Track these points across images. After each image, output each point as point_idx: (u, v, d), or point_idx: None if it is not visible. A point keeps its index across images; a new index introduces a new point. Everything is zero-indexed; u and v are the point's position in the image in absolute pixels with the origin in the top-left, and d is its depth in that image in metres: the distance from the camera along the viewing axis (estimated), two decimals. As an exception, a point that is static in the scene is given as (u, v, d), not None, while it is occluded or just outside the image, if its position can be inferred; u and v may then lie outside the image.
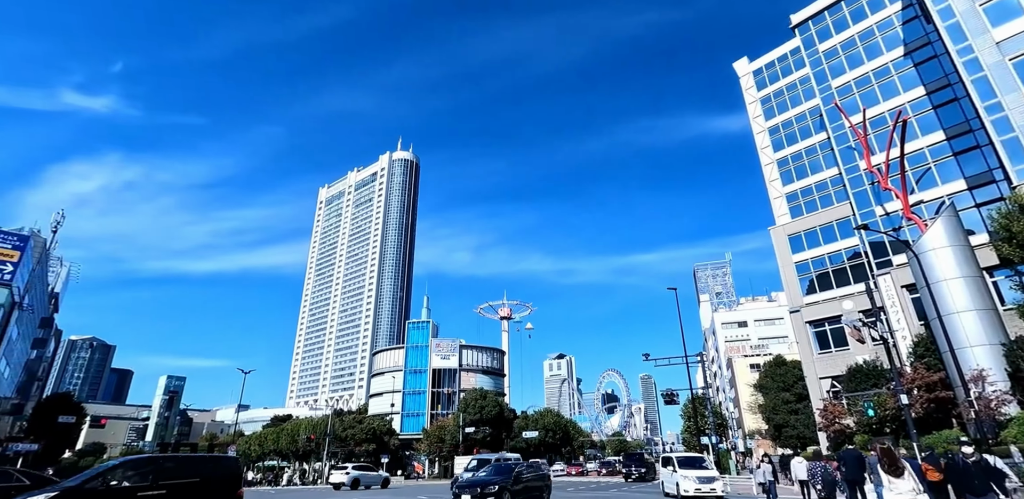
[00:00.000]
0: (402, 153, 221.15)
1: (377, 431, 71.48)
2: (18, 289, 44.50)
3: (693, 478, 20.60)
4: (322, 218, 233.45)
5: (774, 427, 48.31)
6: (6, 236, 43.81)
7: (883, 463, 8.73)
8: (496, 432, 68.34)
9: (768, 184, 49.49)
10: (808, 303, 42.38)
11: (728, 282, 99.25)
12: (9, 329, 45.13)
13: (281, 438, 77.05)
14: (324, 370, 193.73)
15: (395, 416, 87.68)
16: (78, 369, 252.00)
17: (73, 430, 53.31)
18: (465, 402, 69.96)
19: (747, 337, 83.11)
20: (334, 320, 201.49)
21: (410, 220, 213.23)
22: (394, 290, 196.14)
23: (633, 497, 23.91)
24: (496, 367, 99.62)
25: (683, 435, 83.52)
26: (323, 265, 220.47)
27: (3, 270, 42.17)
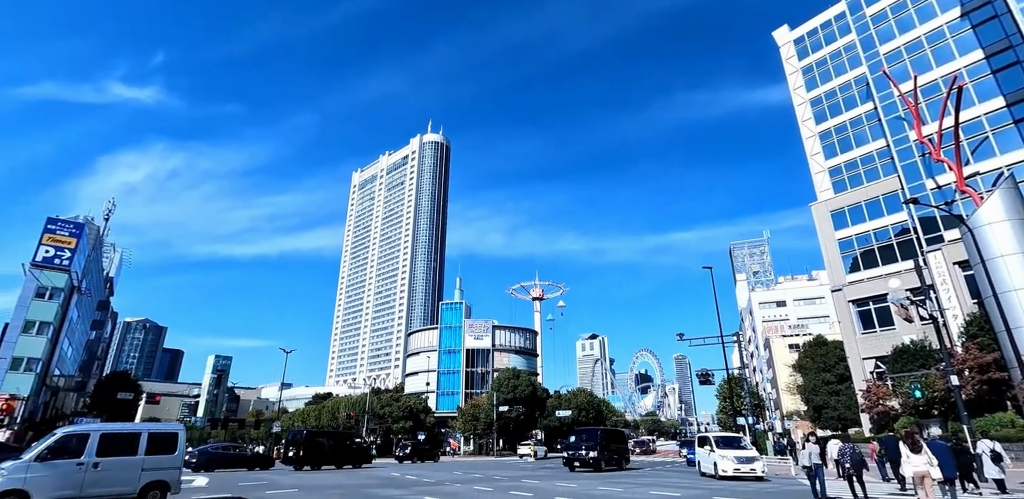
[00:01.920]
0: (433, 136, 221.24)
1: (414, 409, 73.39)
2: (76, 274, 46.95)
3: (732, 458, 20.35)
4: (356, 202, 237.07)
5: (813, 408, 47.33)
6: (63, 224, 46.08)
7: (905, 442, 10.76)
8: (529, 411, 69.28)
9: (810, 158, 47.47)
10: (851, 281, 40.87)
11: (766, 261, 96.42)
12: (70, 312, 47.85)
13: (322, 415, 80.00)
14: (361, 350, 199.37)
15: (430, 395, 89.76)
16: (133, 349, 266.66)
17: (131, 406, 56.48)
18: (498, 381, 70.95)
19: (786, 317, 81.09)
20: (370, 301, 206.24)
21: (442, 202, 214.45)
22: (427, 271, 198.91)
23: (669, 476, 23.90)
24: (529, 347, 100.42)
25: (718, 416, 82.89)
26: (358, 248, 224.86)
27: (61, 256, 44.46)
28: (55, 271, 43.72)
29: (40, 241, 43.67)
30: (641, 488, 17.25)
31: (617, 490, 16.55)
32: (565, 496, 14.64)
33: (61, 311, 44.47)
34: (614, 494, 15.26)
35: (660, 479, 21.57)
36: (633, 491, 16.18)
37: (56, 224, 45.24)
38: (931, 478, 10.41)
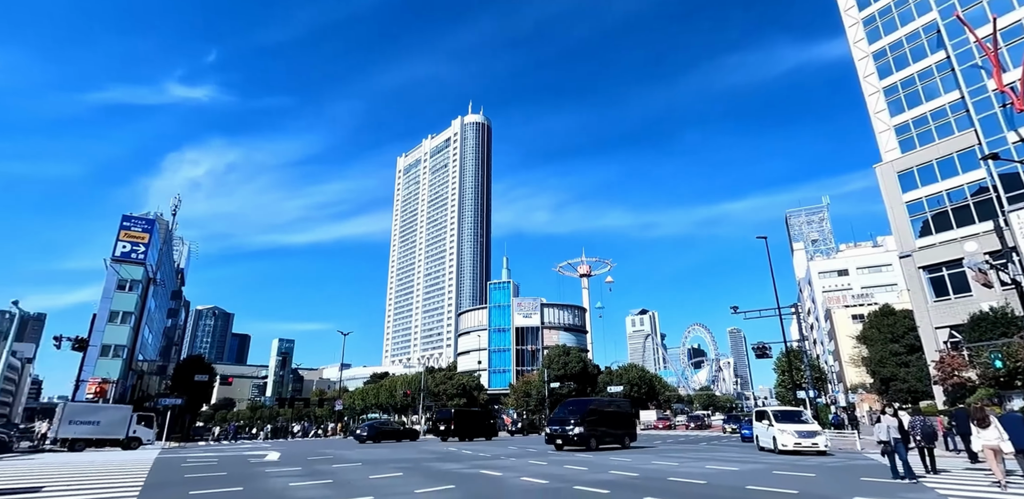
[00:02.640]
0: (473, 117, 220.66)
1: (466, 386, 75.30)
2: (151, 266, 50.29)
3: (792, 432, 19.73)
4: (402, 186, 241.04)
5: (880, 381, 45.20)
6: (136, 221, 49.29)
7: (973, 418, 11.12)
8: (580, 387, 69.68)
9: (873, 116, 44.13)
10: (922, 246, 38.18)
11: (825, 228, 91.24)
12: (148, 301, 51.48)
13: (380, 393, 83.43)
14: (414, 330, 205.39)
15: (482, 373, 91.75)
16: (205, 335, 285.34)
17: (207, 387, 60.55)
18: (549, 358, 71.54)
19: (848, 286, 77.11)
20: (420, 283, 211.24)
21: (485, 182, 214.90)
22: (474, 252, 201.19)
23: (725, 450, 23.52)
24: (578, 324, 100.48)
25: (776, 390, 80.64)
26: (406, 231, 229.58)
27: (137, 250, 47.67)
28: (132, 264, 46.93)
29: (117, 237, 46.88)
30: (696, 462, 17.03)
31: (672, 464, 16.41)
32: (619, 470, 14.64)
33: (140, 301, 47.84)
34: (670, 468, 15.13)
35: (715, 454, 21.24)
36: (689, 465, 15.99)
37: (130, 221, 48.38)
38: (1003, 452, 10.57)
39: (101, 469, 16.46)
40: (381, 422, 44.93)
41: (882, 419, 12.87)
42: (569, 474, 13.90)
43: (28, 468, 17.24)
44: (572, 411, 24.11)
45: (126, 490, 11.47)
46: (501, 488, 11.48)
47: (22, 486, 12.07)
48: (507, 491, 11.05)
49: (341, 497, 10.21)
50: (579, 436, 22.73)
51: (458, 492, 10.88)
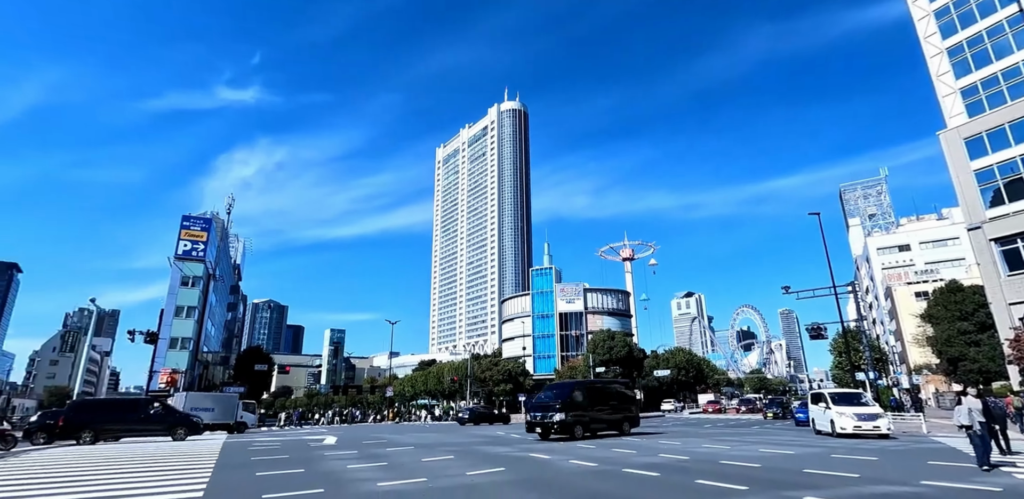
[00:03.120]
0: (509, 104, 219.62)
1: (512, 372, 76.14)
2: (210, 263, 53.05)
3: (851, 415, 18.97)
4: (441, 177, 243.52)
5: (947, 361, 42.87)
6: (195, 220, 52.13)
7: None
8: (626, 371, 69.27)
9: (935, 79, 41.12)
10: (993, 217, 35.58)
11: (884, 202, 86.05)
12: (209, 296, 54.42)
13: (429, 380, 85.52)
14: (459, 318, 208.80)
15: (527, 358, 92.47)
16: (262, 327, 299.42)
17: (266, 376, 63.91)
18: (593, 343, 71.34)
19: (910, 262, 72.95)
20: (462, 271, 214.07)
21: (523, 169, 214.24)
22: (515, 239, 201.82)
23: (779, 434, 22.92)
24: (622, 308, 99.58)
25: (833, 372, 77.82)
26: (447, 221, 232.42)
27: (197, 249, 50.45)
28: (193, 262, 49.68)
29: (179, 236, 49.71)
30: (749, 446, 16.67)
31: (724, 447, 16.13)
32: (669, 453, 14.51)
33: (202, 296, 50.61)
34: (721, 451, 14.88)
35: (768, 437, 20.73)
36: (741, 449, 15.68)
37: (189, 220, 51.19)
38: None
39: (176, 453, 17.64)
40: (481, 407, 53.25)
41: (963, 401, 11.51)
42: (618, 457, 13.89)
43: (112, 451, 18.68)
44: (555, 395, 21.33)
45: (201, 470, 12.28)
46: (550, 470, 11.60)
47: (103, 469, 13.09)
48: (556, 473, 11.15)
49: (396, 478, 10.56)
50: (561, 423, 19.76)
51: (508, 474, 11.06)
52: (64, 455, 17.50)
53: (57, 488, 10.04)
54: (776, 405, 42.35)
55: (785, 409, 39.50)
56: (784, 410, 39.37)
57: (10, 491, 9.87)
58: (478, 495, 8.74)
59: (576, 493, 8.66)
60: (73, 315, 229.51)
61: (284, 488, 9.49)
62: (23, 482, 11.04)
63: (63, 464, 14.55)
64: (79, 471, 12.70)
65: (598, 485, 9.48)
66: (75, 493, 9.41)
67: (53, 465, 14.37)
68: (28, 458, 16.74)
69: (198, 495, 8.96)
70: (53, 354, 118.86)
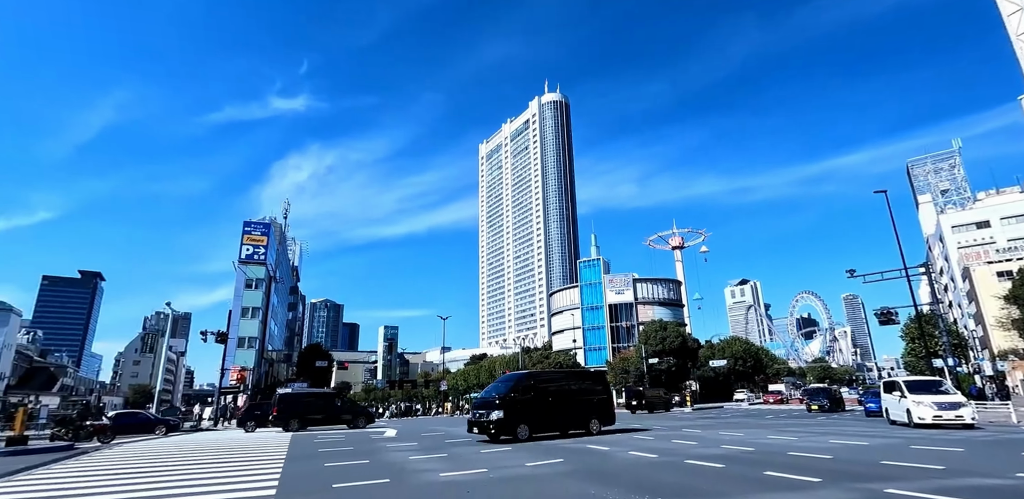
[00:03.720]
0: (550, 96, 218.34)
1: (563, 364, 76.09)
2: (271, 266, 55.69)
3: (930, 404, 17.81)
4: (485, 172, 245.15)
5: (1037, 345, 39.50)
6: (255, 225, 54.84)
7: None
8: (681, 362, 67.82)
9: (1014, 39, 37.83)
10: (1085, 188, 32.51)
11: (958, 176, 79.71)
12: (271, 297, 57.18)
13: (481, 374, 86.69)
14: (508, 312, 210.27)
15: (578, 351, 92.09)
16: (320, 325, 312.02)
17: (326, 372, 66.38)
18: (645, 334, 70.21)
19: (990, 240, 67.56)
20: (510, 266, 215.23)
21: (567, 161, 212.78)
22: (561, 232, 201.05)
23: (849, 425, 21.85)
24: (673, 298, 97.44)
25: (905, 359, 73.43)
26: (492, 216, 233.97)
27: (258, 252, 53.08)
28: (255, 265, 52.31)
29: (241, 242, 52.42)
30: (817, 436, 15.99)
31: (790, 439, 15.53)
32: (731, 444, 14.11)
33: (265, 297, 53.22)
34: (788, 443, 14.34)
35: (838, 428, 19.79)
36: (809, 440, 15.05)
37: (250, 226, 53.90)
38: None
39: (248, 445, 18.66)
40: None
41: None
42: (678, 448, 13.63)
43: (192, 443, 19.99)
44: (499, 388, 17.86)
45: (274, 461, 12.96)
46: (610, 461, 11.51)
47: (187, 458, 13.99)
48: (617, 464, 11.06)
49: (456, 469, 10.76)
50: (498, 423, 16.38)
51: (566, 465, 11.05)
52: (157, 446, 18.87)
53: (123, 481, 10.83)
54: (822, 396, 35.40)
55: (835, 400, 34.31)
56: (833, 402, 34.08)
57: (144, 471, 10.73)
58: (539, 486, 8.78)
59: (639, 484, 8.54)
60: (151, 318, 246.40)
61: (352, 478, 9.86)
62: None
63: (130, 460, 15.69)
64: (164, 461, 13.66)
65: (661, 476, 9.33)
66: (145, 483, 10.12)
67: (117, 461, 15.52)
68: (183, 439, 18.13)
69: (272, 484, 9.44)
70: (135, 355, 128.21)
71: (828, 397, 34.87)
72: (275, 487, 9.11)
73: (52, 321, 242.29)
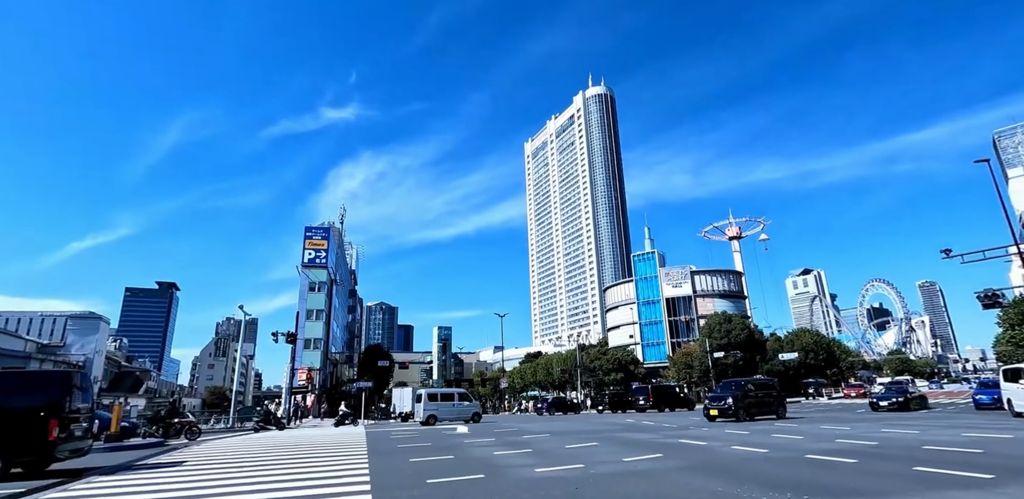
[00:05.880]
0: (594, 89, 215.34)
1: (622, 361, 74.33)
2: (331, 269, 57.16)
3: (1069, 393, 15.75)
4: (532, 171, 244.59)
5: None
6: (316, 230, 56.50)
7: None
8: (748, 355, 64.80)
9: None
10: None
11: (1052, 146, 72.87)
12: (333, 300, 58.73)
13: (537, 372, 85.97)
14: (560, 309, 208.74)
15: (635, 347, 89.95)
16: (377, 327, 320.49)
17: (387, 372, 67.71)
18: (709, 327, 67.58)
19: (1096, 215, 61.05)
20: (560, 263, 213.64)
21: (614, 154, 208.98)
22: (611, 227, 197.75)
23: (965, 417, 19.75)
24: (734, 290, 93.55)
25: (999, 348, 67.35)
26: (541, 214, 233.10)
27: (320, 256, 54.59)
28: (317, 269, 53.77)
29: (304, 246, 54.07)
30: (942, 430, 14.38)
31: (912, 432, 14.00)
32: (844, 438, 12.80)
33: (327, 300, 54.62)
34: (911, 436, 12.88)
35: (956, 421, 17.87)
36: (934, 433, 13.51)
37: (311, 231, 55.53)
38: None
39: (326, 442, 18.74)
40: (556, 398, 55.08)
41: None
42: (784, 443, 12.47)
43: (276, 439, 20.33)
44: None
45: (358, 456, 12.73)
46: (717, 456, 10.56)
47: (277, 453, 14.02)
48: (727, 459, 10.10)
49: (550, 465, 10.12)
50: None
51: (669, 460, 10.20)
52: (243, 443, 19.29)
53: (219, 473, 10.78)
54: (898, 392, 29.60)
55: (908, 398, 28.18)
56: (908, 399, 28.02)
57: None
58: (653, 481, 7.99)
59: (770, 481, 7.61)
60: (222, 324, 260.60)
61: (444, 474, 9.39)
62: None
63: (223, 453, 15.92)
64: (252, 456, 13.73)
65: (789, 472, 8.33)
66: (237, 478, 10.00)
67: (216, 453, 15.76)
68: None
69: (364, 478, 9.10)
70: (209, 359, 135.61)
71: (901, 394, 28.86)
72: (367, 481, 8.75)
73: (135, 329, 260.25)
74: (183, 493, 8.31)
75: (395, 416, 51.74)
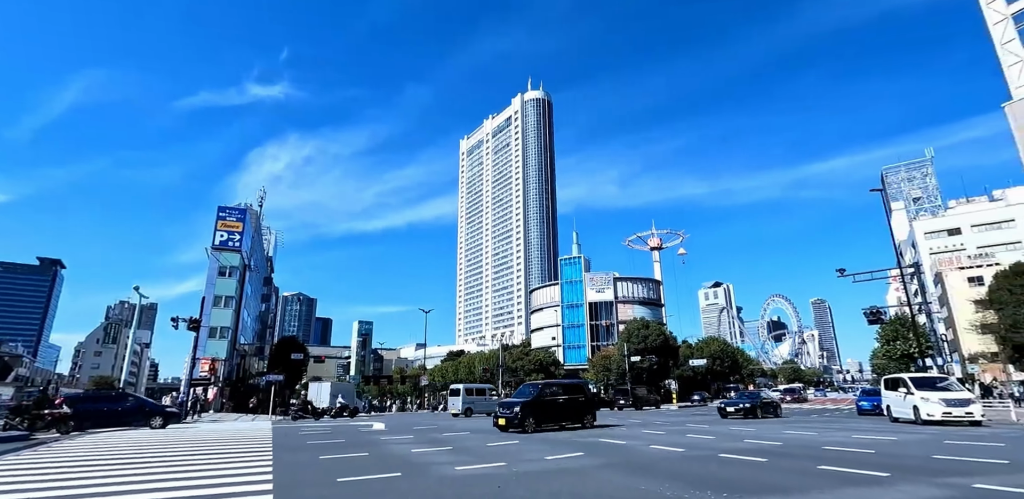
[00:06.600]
0: (533, 93, 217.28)
1: (543, 362, 75.42)
2: (246, 254, 53.28)
3: (938, 401, 17.53)
4: (466, 168, 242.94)
5: (1012, 348, 40.40)
6: (230, 211, 52.28)
7: None
8: (662, 361, 67.80)
9: (999, 48, 38.53)
10: (1067, 194, 33.33)
11: (930, 184, 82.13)
12: (245, 287, 54.81)
13: (459, 370, 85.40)
14: (485, 309, 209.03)
15: (557, 349, 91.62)
16: (293, 319, 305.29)
17: (300, 366, 64.28)
18: (627, 332, 70.03)
19: (960, 246, 69.50)
20: (488, 262, 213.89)
21: (548, 159, 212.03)
22: (541, 230, 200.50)
23: (853, 422, 21.57)
24: (653, 297, 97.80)
25: (875, 361, 75.12)
26: (472, 213, 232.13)
27: (233, 239, 50.64)
28: (230, 252, 49.92)
29: (216, 227, 49.93)
30: (837, 432, 15.49)
31: (811, 433, 14.99)
32: (752, 439, 13.46)
33: (239, 286, 50.93)
34: (811, 437, 13.76)
35: (847, 425, 19.43)
36: (831, 435, 14.52)
37: (225, 211, 51.40)
38: None
39: (227, 437, 17.27)
40: None
41: None
42: (699, 442, 12.91)
43: (167, 434, 18.46)
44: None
45: (261, 453, 11.71)
46: (637, 455, 10.68)
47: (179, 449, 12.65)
48: (647, 458, 10.23)
49: (472, 463, 9.78)
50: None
51: (592, 458, 10.17)
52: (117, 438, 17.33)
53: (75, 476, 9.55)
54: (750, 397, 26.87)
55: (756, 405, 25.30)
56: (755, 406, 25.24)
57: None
58: (577, 479, 7.87)
59: (689, 479, 7.70)
60: (114, 308, 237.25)
61: (357, 472, 8.79)
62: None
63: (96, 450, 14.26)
64: (130, 451, 12.31)
65: (707, 470, 8.51)
66: (147, 471, 8.88)
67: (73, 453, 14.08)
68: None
69: (267, 477, 8.31)
70: (97, 346, 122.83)
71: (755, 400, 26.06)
72: (270, 480, 7.99)
73: (7, 309, 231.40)
74: (43, 495, 7.16)
75: (296, 410, 49.29)
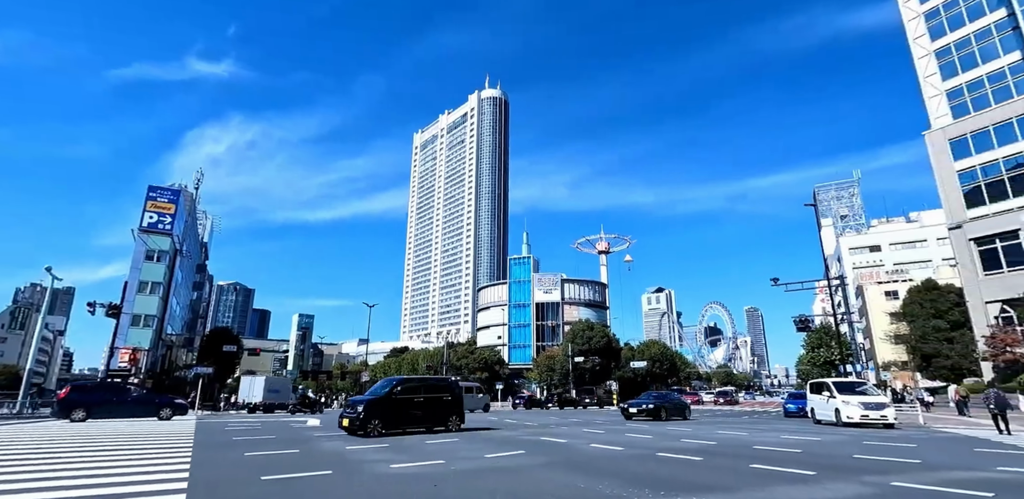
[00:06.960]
0: (490, 91, 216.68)
1: (488, 361, 75.37)
2: (177, 238, 49.99)
3: (857, 404, 18.65)
4: (419, 163, 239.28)
5: (921, 357, 43.93)
6: (162, 191, 48.85)
7: None
8: (605, 362, 69.23)
9: (922, 81, 41.63)
10: (973, 218, 36.45)
11: (856, 204, 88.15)
12: (175, 273, 51.49)
13: (403, 367, 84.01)
14: (432, 306, 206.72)
15: (502, 348, 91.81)
16: (227, 309, 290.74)
17: (233, 359, 61.18)
18: (573, 333, 71.04)
19: (880, 263, 75.00)
20: (437, 259, 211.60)
21: (502, 158, 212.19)
22: (492, 229, 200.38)
23: (781, 423, 22.64)
24: (599, 300, 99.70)
25: (800, 367, 79.64)
26: (423, 208, 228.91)
27: (164, 221, 47.31)
28: (160, 235, 46.66)
29: (144, 208, 46.53)
30: (766, 433, 16.11)
31: (742, 434, 15.53)
32: (689, 438, 13.79)
33: (168, 272, 47.77)
34: (743, 438, 14.25)
35: (776, 426, 20.32)
36: (762, 436, 15.08)
37: (156, 191, 47.99)
38: None
39: (143, 432, 16.06)
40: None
41: None
42: (639, 442, 13.08)
43: (76, 429, 16.95)
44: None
45: (180, 450, 10.89)
46: (577, 454, 10.66)
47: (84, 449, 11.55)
48: (587, 456, 10.22)
49: (408, 460, 9.45)
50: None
51: (532, 457, 10.07)
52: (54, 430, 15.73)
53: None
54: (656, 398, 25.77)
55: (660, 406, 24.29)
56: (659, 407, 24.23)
57: None
58: (518, 477, 7.71)
59: (628, 477, 7.71)
60: (24, 290, 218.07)
61: (285, 469, 8.28)
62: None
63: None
64: (68, 448, 11.17)
65: (646, 469, 8.56)
66: (29, 476, 8.00)
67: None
68: None
69: (182, 475, 7.68)
70: (1, 331, 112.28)
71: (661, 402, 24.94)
72: (186, 479, 7.38)
73: None
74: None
75: (234, 405, 46.93)
